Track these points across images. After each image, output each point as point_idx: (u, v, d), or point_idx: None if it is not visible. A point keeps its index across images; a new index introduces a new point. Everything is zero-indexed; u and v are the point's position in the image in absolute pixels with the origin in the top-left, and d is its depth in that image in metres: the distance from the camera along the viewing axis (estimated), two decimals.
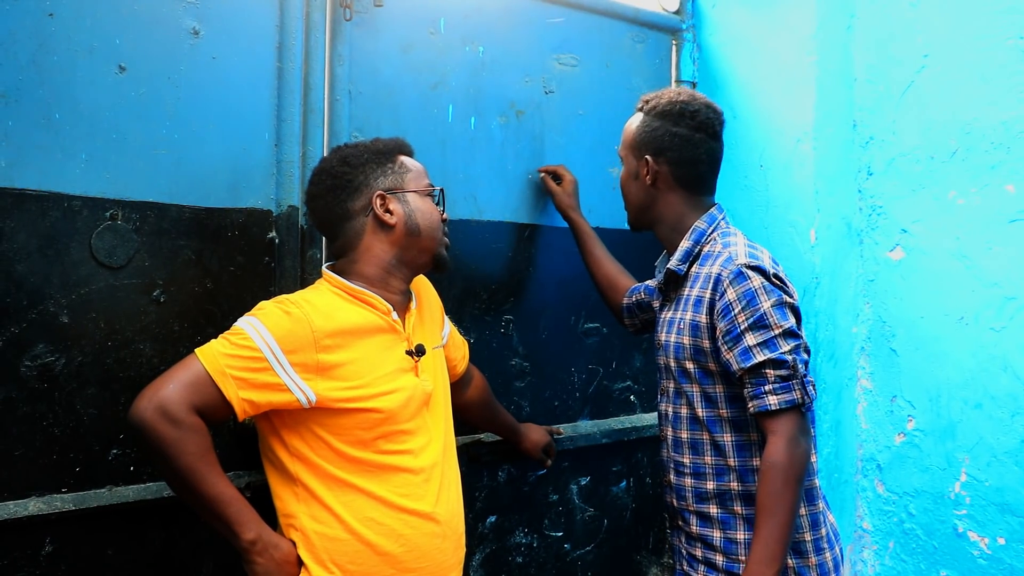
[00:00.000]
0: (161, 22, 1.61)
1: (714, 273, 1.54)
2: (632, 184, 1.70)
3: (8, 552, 1.47)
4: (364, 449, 1.44)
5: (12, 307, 1.47)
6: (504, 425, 2.02)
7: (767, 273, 1.51)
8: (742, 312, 1.49)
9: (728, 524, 1.57)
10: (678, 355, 1.61)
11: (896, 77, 2.25)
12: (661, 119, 1.63)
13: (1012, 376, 2.02)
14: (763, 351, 1.46)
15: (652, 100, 1.67)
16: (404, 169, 1.57)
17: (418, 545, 1.47)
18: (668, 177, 1.64)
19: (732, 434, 1.57)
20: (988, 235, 2.07)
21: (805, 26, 2.28)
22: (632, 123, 1.70)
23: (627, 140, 1.70)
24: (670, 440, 1.67)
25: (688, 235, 1.64)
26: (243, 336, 1.38)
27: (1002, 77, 2.03)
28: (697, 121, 1.63)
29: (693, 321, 1.58)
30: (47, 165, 1.50)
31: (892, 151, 2.27)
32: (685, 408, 1.62)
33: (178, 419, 1.31)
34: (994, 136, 2.05)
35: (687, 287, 1.62)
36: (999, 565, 2.04)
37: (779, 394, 1.46)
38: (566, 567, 2.29)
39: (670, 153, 1.63)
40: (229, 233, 1.71)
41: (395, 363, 1.51)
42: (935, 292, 2.18)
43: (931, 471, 2.18)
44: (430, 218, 1.57)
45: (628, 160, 1.70)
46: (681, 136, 1.62)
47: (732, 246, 1.57)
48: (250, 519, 1.37)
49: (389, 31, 1.92)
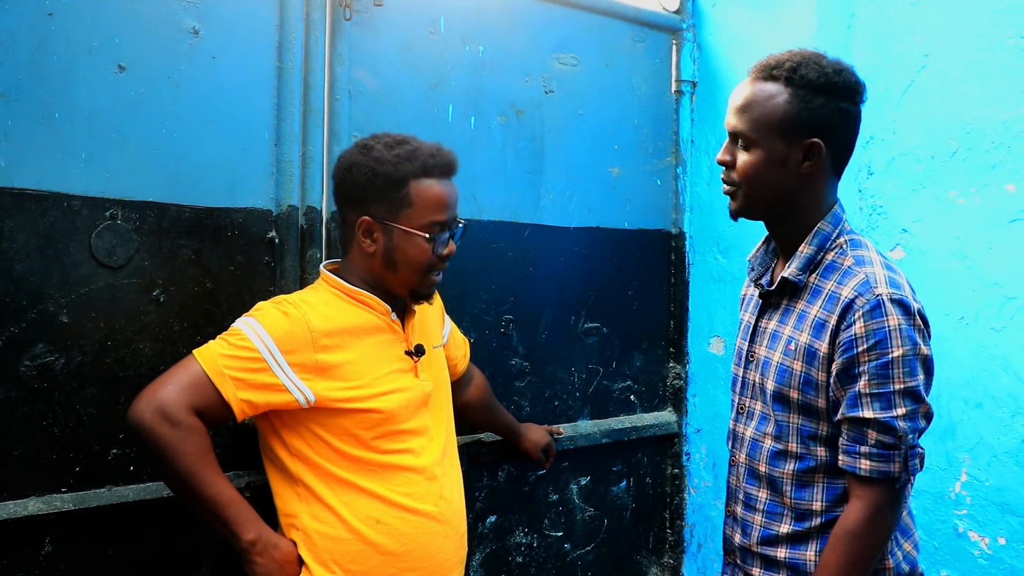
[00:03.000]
0: (161, 21, 1.61)
1: (845, 297, 1.30)
2: (776, 172, 1.35)
3: (8, 552, 1.47)
4: (364, 449, 1.44)
5: (12, 307, 1.47)
6: (504, 425, 2.02)
7: (910, 310, 1.28)
8: (867, 352, 1.26)
9: (798, 570, 1.38)
10: (781, 380, 1.37)
11: (896, 77, 2.25)
12: (825, 94, 1.32)
13: (1012, 376, 2.02)
14: (873, 406, 1.26)
15: (803, 70, 1.33)
16: (405, 202, 1.47)
17: (420, 544, 1.47)
18: (827, 162, 1.36)
19: (825, 477, 1.36)
20: (988, 235, 2.06)
21: (805, 26, 2.27)
22: (774, 98, 1.33)
23: (771, 119, 1.33)
24: (743, 469, 1.48)
25: (810, 238, 1.38)
26: (241, 337, 1.38)
27: (1002, 77, 2.03)
28: (861, 95, 1.37)
29: (810, 347, 1.34)
30: (47, 165, 1.50)
31: (892, 151, 2.27)
32: (770, 440, 1.41)
33: (177, 420, 1.31)
34: (994, 136, 2.05)
35: (803, 300, 1.38)
36: (999, 565, 2.04)
37: (874, 461, 1.27)
38: (566, 567, 2.29)
39: (839, 137, 1.35)
40: (229, 233, 1.70)
41: (394, 363, 1.51)
42: (935, 292, 2.18)
43: (931, 471, 2.18)
44: (412, 259, 1.49)
45: (769, 143, 1.34)
46: (850, 115, 1.36)
47: (868, 265, 1.32)
48: (250, 519, 1.37)
49: (389, 31, 1.92)
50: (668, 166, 2.47)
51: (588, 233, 2.29)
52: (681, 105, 2.48)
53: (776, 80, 1.34)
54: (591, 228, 2.30)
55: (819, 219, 1.39)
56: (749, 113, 1.36)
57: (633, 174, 2.37)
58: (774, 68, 1.35)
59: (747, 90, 1.38)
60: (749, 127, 1.36)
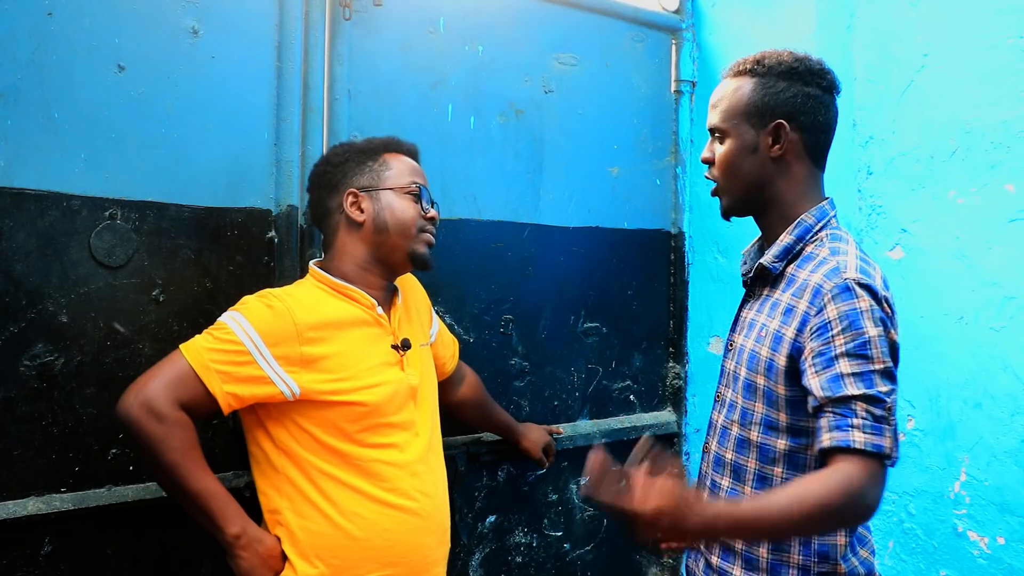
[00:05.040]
0: (160, 21, 1.61)
1: (814, 282, 1.31)
2: (747, 159, 1.41)
3: (8, 552, 1.47)
4: (349, 442, 1.45)
5: (11, 307, 1.47)
6: (501, 424, 2.02)
7: (878, 296, 1.29)
8: (841, 334, 1.26)
9: (752, 564, 1.38)
10: (751, 366, 1.40)
11: (896, 77, 2.25)
12: (787, 79, 1.39)
13: (1012, 376, 2.02)
14: (858, 384, 1.23)
15: (765, 60, 1.42)
16: (384, 167, 1.57)
17: (402, 539, 1.48)
18: (798, 146, 1.41)
19: (784, 469, 1.36)
20: (988, 235, 2.06)
21: (805, 26, 2.27)
22: (740, 88, 1.42)
23: (738, 107, 1.42)
24: (712, 456, 1.49)
25: (791, 229, 1.41)
26: (226, 331, 1.40)
27: (1002, 77, 2.03)
28: (827, 81, 1.42)
29: (778, 332, 1.35)
30: (46, 164, 1.50)
31: (892, 151, 2.27)
32: (736, 427, 1.43)
33: (163, 414, 1.33)
34: (994, 136, 2.05)
35: (779, 289, 1.40)
36: (999, 565, 2.04)
37: (867, 433, 1.20)
38: (566, 567, 2.29)
39: (803, 117, 1.39)
40: (228, 233, 1.70)
41: (380, 357, 1.51)
42: (935, 292, 2.18)
43: (931, 471, 2.18)
44: (401, 216, 1.54)
45: (738, 131, 1.42)
46: (814, 98, 1.40)
47: (842, 255, 1.34)
48: (234, 513, 1.38)
49: (389, 30, 1.92)
50: (667, 166, 2.47)
51: (588, 233, 2.29)
52: (680, 105, 2.48)
53: (743, 75, 1.43)
54: (591, 228, 2.30)
55: (803, 211, 1.42)
56: (720, 106, 1.44)
57: (632, 174, 2.37)
58: (741, 65, 1.44)
59: (719, 88, 1.46)
60: (721, 119, 1.44)
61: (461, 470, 2.01)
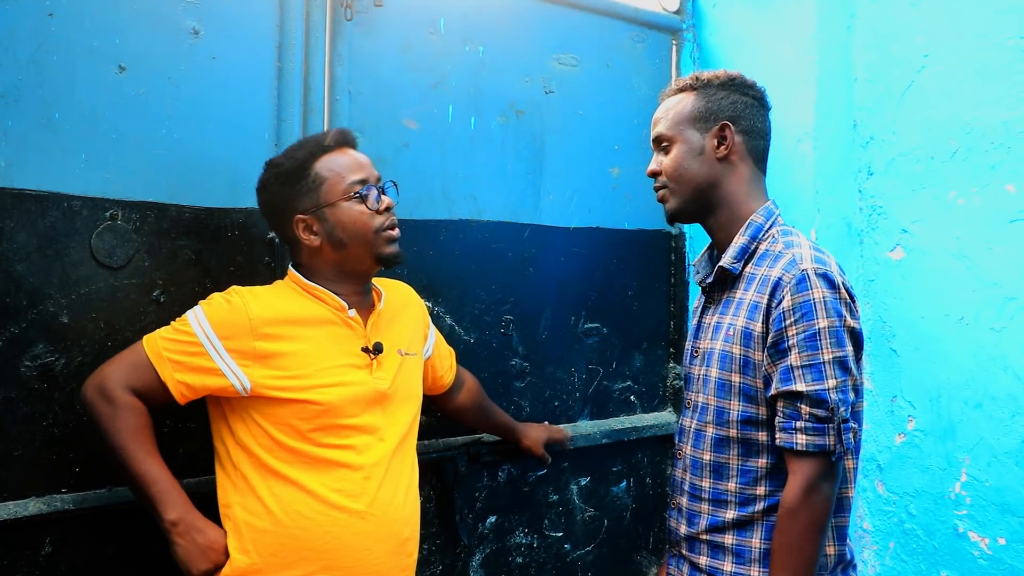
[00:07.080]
0: (161, 22, 1.61)
1: (774, 276, 1.39)
2: (694, 162, 1.50)
3: (8, 552, 1.47)
4: (302, 440, 1.45)
5: (12, 307, 1.47)
6: (500, 425, 2.02)
7: (834, 283, 1.36)
8: (794, 324, 1.34)
9: (743, 556, 1.42)
10: (724, 366, 1.44)
11: (896, 77, 2.25)
12: (725, 89, 1.51)
13: (1012, 376, 2.02)
14: (805, 378, 1.32)
15: (703, 76, 1.53)
16: (317, 181, 1.50)
17: (345, 544, 1.46)
18: (742, 148, 1.50)
19: (768, 459, 1.41)
20: (988, 235, 2.06)
21: (805, 26, 2.27)
22: (683, 100, 1.53)
23: (682, 116, 1.51)
24: (688, 460, 1.52)
25: (743, 230, 1.48)
26: (184, 323, 1.45)
27: (1002, 77, 2.03)
28: (758, 91, 1.54)
29: (746, 329, 1.41)
30: (47, 165, 1.50)
31: (892, 151, 2.27)
32: (712, 428, 1.47)
33: (113, 397, 1.39)
34: (994, 136, 2.05)
35: (740, 289, 1.46)
36: (999, 565, 2.04)
37: (809, 435, 1.32)
38: (566, 567, 2.29)
39: (744, 122, 1.50)
40: (229, 233, 1.71)
41: (345, 358, 1.51)
42: (935, 292, 2.18)
43: (931, 471, 2.18)
44: (353, 227, 1.50)
45: (685, 137, 1.50)
46: (752, 106, 1.52)
47: (796, 247, 1.42)
48: (175, 500, 1.40)
49: (389, 31, 1.92)
50: None
51: (588, 233, 2.29)
52: None
53: (683, 91, 1.55)
54: (591, 228, 2.30)
55: (751, 211, 1.49)
56: (665, 117, 1.54)
57: (633, 174, 2.37)
58: (679, 83, 1.56)
59: (660, 107, 1.57)
60: (666, 127, 1.53)
61: (461, 470, 2.01)
